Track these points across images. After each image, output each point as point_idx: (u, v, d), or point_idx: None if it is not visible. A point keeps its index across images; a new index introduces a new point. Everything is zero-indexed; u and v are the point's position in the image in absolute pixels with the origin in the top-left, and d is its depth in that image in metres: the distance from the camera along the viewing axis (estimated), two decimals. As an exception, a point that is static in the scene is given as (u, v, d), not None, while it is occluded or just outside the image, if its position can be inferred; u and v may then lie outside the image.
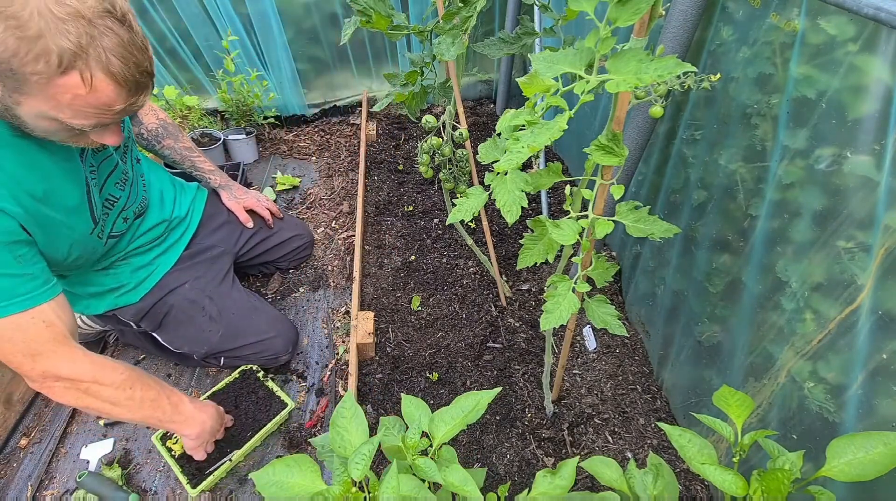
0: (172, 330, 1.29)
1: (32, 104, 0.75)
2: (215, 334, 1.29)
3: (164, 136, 1.35)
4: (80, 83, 0.72)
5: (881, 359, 0.68)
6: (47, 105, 0.75)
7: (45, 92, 0.72)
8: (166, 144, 1.36)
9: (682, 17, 1.00)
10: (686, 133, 1.14)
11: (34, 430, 1.33)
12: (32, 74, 0.69)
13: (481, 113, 2.61)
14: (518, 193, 0.71)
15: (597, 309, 0.87)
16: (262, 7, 2.14)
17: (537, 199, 2.03)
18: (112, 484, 1.17)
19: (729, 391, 0.69)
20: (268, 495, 0.64)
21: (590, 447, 1.28)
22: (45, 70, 0.69)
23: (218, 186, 1.47)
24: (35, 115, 0.77)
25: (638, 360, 1.47)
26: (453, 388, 1.41)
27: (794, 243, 0.84)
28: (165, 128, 1.36)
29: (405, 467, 0.68)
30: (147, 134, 1.35)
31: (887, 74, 0.64)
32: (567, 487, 0.72)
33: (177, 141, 1.38)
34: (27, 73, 0.69)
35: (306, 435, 1.32)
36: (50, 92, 0.72)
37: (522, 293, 1.68)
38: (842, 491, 0.74)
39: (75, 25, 0.68)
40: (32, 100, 0.74)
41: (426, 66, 1.13)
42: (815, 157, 0.77)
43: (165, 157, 1.40)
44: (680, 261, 1.22)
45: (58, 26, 0.67)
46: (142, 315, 1.25)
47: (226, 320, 1.30)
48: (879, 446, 0.56)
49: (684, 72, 0.55)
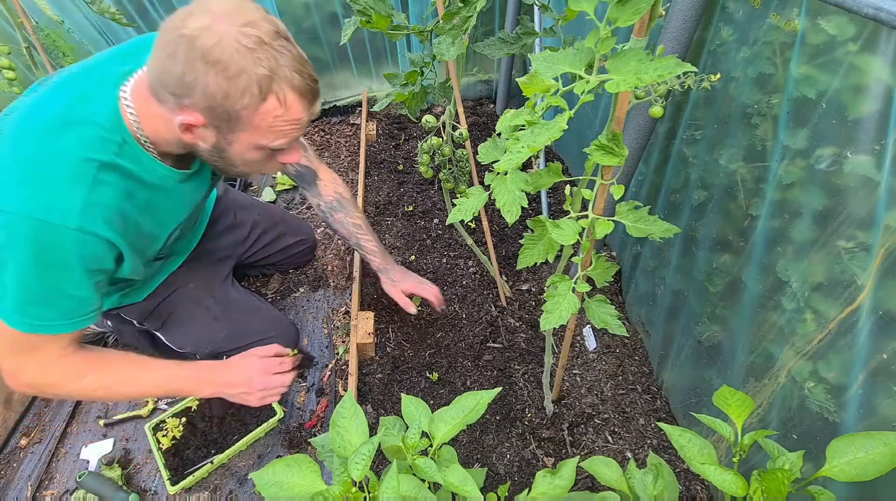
0: (176, 330, 1.29)
1: (243, 139, 0.80)
2: (220, 334, 1.29)
3: (337, 208, 1.34)
4: (277, 104, 0.76)
5: (881, 359, 0.68)
6: (255, 135, 0.79)
7: (252, 122, 0.77)
8: (337, 217, 1.34)
9: (682, 17, 1.00)
10: (686, 133, 1.14)
11: (34, 430, 1.33)
12: (242, 108, 0.74)
13: (481, 113, 2.61)
14: (518, 193, 0.71)
15: (597, 309, 0.87)
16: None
17: (537, 199, 2.03)
18: (112, 484, 1.17)
19: (729, 391, 0.69)
20: (268, 495, 0.64)
21: (590, 447, 1.28)
22: (251, 101, 0.74)
23: (377, 268, 1.41)
24: (245, 149, 0.82)
25: (638, 360, 1.47)
26: (453, 388, 1.41)
27: (794, 243, 0.84)
28: (340, 201, 1.35)
29: (405, 467, 0.68)
30: (324, 205, 1.35)
31: (887, 74, 0.64)
32: (567, 487, 0.72)
33: (347, 215, 1.35)
34: (238, 109, 0.74)
35: (306, 435, 1.32)
36: (256, 121, 0.77)
37: (522, 293, 1.68)
38: (842, 491, 0.74)
39: (263, 52, 0.72)
40: (243, 134, 0.79)
41: (426, 66, 1.13)
42: (816, 157, 0.77)
43: (336, 230, 1.38)
44: (680, 261, 1.22)
45: (251, 57, 0.71)
46: (146, 314, 1.25)
47: (230, 320, 1.30)
48: (879, 446, 0.56)
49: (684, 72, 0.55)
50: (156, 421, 1.28)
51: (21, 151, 0.77)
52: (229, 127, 0.77)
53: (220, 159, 0.86)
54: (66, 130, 0.78)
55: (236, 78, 0.71)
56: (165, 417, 1.29)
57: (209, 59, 0.69)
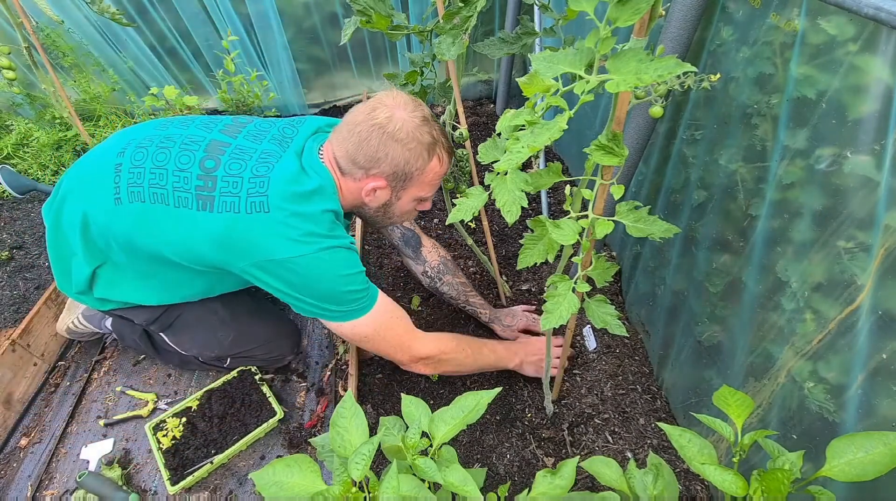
0: (183, 333, 1.29)
1: (410, 193, 1.06)
2: (227, 337, 1.30)
3: (444, 272, 1.42)
4: (437, 163, 1.03)
5: (881, 359, 0.68)
6: (419, 189, 1.06)
7: (419, 180, 1.03)
8: (446, 280, 1.42)
9: (682, 17, 1.00)
10: (686, 133, 1.14)
11: (34, 430, 1.33)
12: (416, 170, 1.01)
13: (481, 113, 2.61)
14: (518, 193, 0.71)
15: (597, 309, 0.87)
16: (262, 7, 2.14)
17: (537, 199, 2.03)
18: (112, 484, 1.17)
19: (729, 391, 0.69)
20: (268, 495, 0.64)
21: (590, 447, 1.28)
22: (422, 164, 1.01)
23: (488, 320, 1.48)
24: (407, 201, 1.08)
25: (638, 360, 1.47)
26: (453, 388, 1.41)
27: (794, 243, 0.84)
28: (446, 264, 1.44)
29: (405, 467, 0.68)
30: (430, 271, 1.42)
31: (887, 74, 0.64)
32: (567, 487, 0.72)
33: (455, 276, 1.44)
34: (413, 171, 1.01)
35: (306, 435, 1.32)
36: (421, 178, 1.03)
37: (522, 293, 1.68)
38: (842, 491, 0.74)
39: (427, 128, 0.99)
40: (411, 190, 1.05)
41: (426, 66, 1.13)
42: (816, 157, 0.77)
43: (443, 293, 1.45)
44: (680, 261, 1.22)
45: (421, 130, 0.98)
46: (154, 318, 1.25)
47: (237, 323, 1.31)
48: (879, 446, 0.56)
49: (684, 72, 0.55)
50: (156, 421, 1.28)
51: (289, 217, 0.95)
52: (402, 185, 1.03)
53: (382, 213, 1.12)
54: (313, 198, 0.99)
55: (414, 149, 0.98)
56: (165, 417, 1.29)
57: (397, 139, 0.96)
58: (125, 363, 1.49)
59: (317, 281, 0.97)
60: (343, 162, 1.01)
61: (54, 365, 1.48)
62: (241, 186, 0.96)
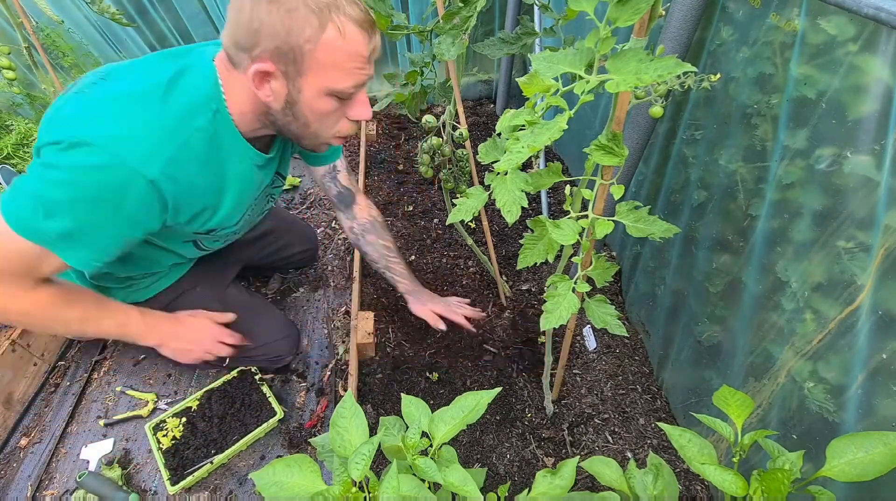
0: None
1: (311, 82, 0.82)
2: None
3: (370, 230, 1.37)
4: (337, 35, 0.78)
5: (881, 359, 0.68)
6: (322, 75, 0.81)
7: (315, 59, 0.79)
8: (369, 239, 1.37)
9: (682, 17, 1.00)
10: (686, 133, 1.14)
11: (34, 430, 1.33)
12: (305, 42, 0.77)
13: (481, 113, 2.61)
14: (518, 193, 0.71)
15: (597, 309, 0.87)
16: (262, 7, 2.13)
17: (537, 199, 2.03)
18: (112, 484, 1.17)
19: (729, 391, 0.69)
20: (268, 495, 0.64)
21: (590, 447, 1.28)
22: (312, 33, 0.77)
23: (406, 291, 1.42)
24: (314, 96, 0.84)
25: (638, 360, 1.47)
26: (453, 388, 1.41)
27: (794, 243, 0.84)
28: (373, 224, 1.39)
29: (405, 467, 0.68)
30: (357, 227, 1.38)
31: (887, 74, 0.64)
32: (567, 487, 0.72)
33: (379, 237, 1.38)
34: (301, 43, 0.77)
35: (306, 435, 1.32)
36: (318, 56, 0.79)
37: (522, 293, 1.68)
38: (842, 491, 0.74)
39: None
40: (310, 76, 0.81)
41: (426, 66, 1.13)
42: (816, 157, 0.77)
43: (366, 253, 1.40)
44: (680, 261, 1.22)
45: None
46: None
47: (236, 324, 1.30)
48: (879, 446, 0.56)
49: (684, 72, 0.55)
50: (156, 421, 1.28)
51: (123, 96, 0.79)
52: (296, 69, 0.80)
53: (293, 119, 0.88)
54: (172, 91, 0.82)
55: (295, 11, 0.75)
56: (166, 417, 1.29)
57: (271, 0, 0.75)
58: (125, 363, 1.49)
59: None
60: (231, 50, 0.82)
61: (54, 365, 1.48)
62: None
